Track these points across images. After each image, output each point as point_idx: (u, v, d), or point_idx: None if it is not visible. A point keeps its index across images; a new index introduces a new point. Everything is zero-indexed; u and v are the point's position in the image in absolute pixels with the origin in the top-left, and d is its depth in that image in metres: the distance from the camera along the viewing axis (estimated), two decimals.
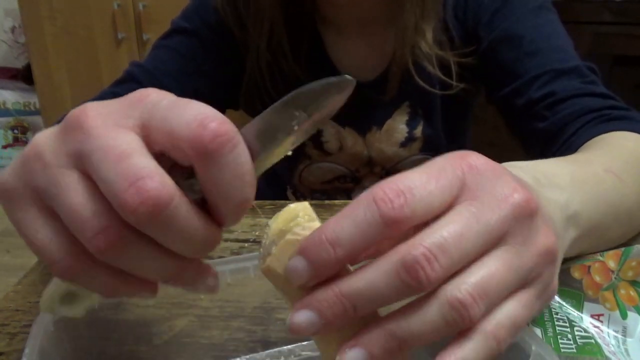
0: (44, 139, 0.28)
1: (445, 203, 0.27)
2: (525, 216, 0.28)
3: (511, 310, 0.27)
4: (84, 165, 0.27)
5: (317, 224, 0.27)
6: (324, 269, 0.26)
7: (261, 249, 0.29)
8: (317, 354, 0.46)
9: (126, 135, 0.26)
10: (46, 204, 0.28)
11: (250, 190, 0.27)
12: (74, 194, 0.26)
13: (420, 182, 0.26)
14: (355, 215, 0.25)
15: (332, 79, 0.29)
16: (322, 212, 0.63)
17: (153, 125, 0.26)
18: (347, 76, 0.29)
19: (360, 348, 0.25)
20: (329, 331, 0.26)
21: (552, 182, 0.38)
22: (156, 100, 0.27)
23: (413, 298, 0.26)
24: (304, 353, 0.47)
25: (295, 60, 0.74)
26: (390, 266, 0.25)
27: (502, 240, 0.27)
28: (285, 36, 0.72)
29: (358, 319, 0.26)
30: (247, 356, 0.46)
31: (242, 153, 0.26)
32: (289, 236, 0.27)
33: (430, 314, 0.25)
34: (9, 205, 0.29)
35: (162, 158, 0.27)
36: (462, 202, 0.27)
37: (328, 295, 0.25)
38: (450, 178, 0.27)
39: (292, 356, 0.47)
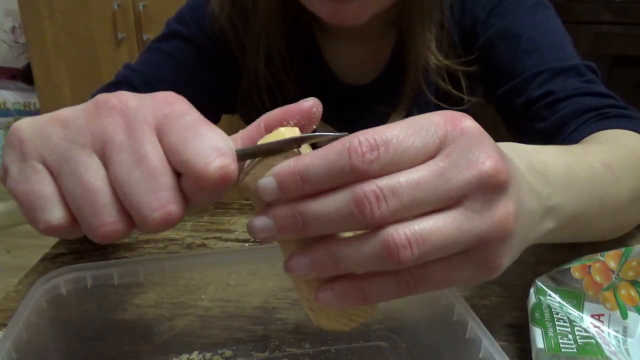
0: (70, 110, 0.30)
1: (418, 159, 0.28)
2: (491, 185, 0.28)
3: (439, 268, 0.29)
4: (104, 150, 0.29)
5: (295, 152, 0.30)
6: (290, 194, 0.28)
7: (245, 165, 0.31)
8: (317, 353, 0.46)
9: (153, 145, 0.29)
10: (52, 170, 0.29)
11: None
12: (91, 174, 0.29)
13: (397, 139, 0.27)
14: (328, 158, 0.27)
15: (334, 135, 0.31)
16: None
17: (170, 138, 0.29)
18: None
19: (304, 257, 0.29)
20: (282, 238, 0.30)
21: (544, 170, 0.39)
22: (181, 113, 0.30)
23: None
24: (298, 352, 0.47)
25: (292, 68, 0.73)
26: (343, 196, 0.27)
27: (459, 202, 0.28)
28: (283, 42, 0.72)
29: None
30: (248, 356, 0.46)
31: (231, 182, 0.29)
32: (268, 159, 0.29)
33: (366, 247, 0.27)
34: (13, 151, 0.30)
35: None
36: (436, 157, 0.28)
37: (285, 209, 0.28)
38: (430, 138, 0.28)
39: (292, 356, 0.47)
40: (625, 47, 1.73)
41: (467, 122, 0.29)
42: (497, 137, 0.32)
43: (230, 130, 0.33)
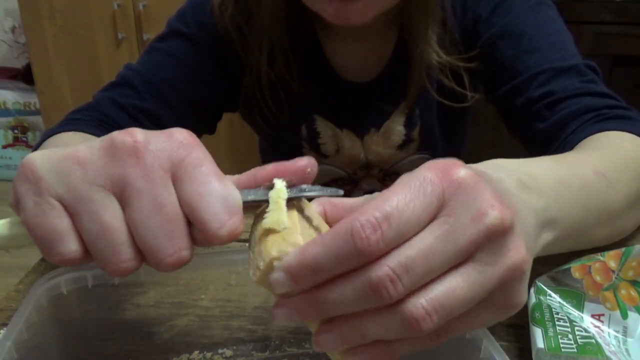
0: (87, 149, 0.31)
1: (422, 225, 0.28)
2: (498, 234, 0.28)
3: (460, 320, 0.29)
4: (122, 194, 0.30)
5: (296, 238, 0.29)
6: (305, 285, 0.28)
7: (250, 252, 0.31)
8: (317, 353, 0.46)
9: (169, 194, 0.30)
10: (69, 207, 0.30)
11: None
12: (110, 216, 0.30)
13: (397, 211, 0.27)
14: (334, 246, 0.27)
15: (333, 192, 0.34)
16: None
17: (185, 189, 0.31)
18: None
19: (332, 334, 0.29)
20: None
21: (535, 184, 0.38)
22: (196, 163, 0.31)
23: None
24: (299, 352, 0.47)
25: (294, 65, 0.73)
26: (359, 283, 0.27)
27: (469, 257, 0.28)
28: (286, 40, 0.72)
29: None
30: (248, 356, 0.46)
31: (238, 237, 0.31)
32: (274, 253, 0.29)
33: (387, 322, 0.28)
34: (29, 185, 0.31)
35: None
36: (439, 217, 0.28)
37: (303, 300, 0.28)
38: (428, 199, 0.28)
39: (292, 356, 0.47)
40: (625, 47, 1.73)
41: (462, 172, 0.29)
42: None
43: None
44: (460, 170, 0.29)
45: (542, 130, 0.65)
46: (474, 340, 0.36)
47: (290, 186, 0.33)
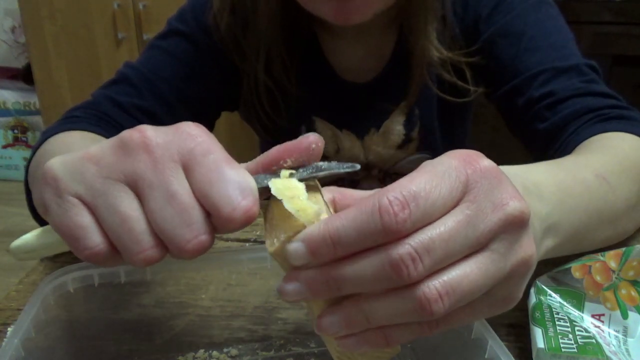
0: (99, 147, 0.32)
1: (447, 208, 0.28)
2: (517, 225, 0.28)
3: (462, 310, 0.29)
4: (137, 188, 0.30)
5: (317, 208, 0.29)
6: (322, 258, 0.28)
7: (266, 224, 0.32)
8: (322, 352, 0.46)
9: (181, 183, 0.30)
10: (88, 204, 0.31)
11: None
12: (127, 206, 0.30)
13: (425, 192, 0.27)
14: (359, 220, 0.27)
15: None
16: None
17: (197, 177, 0.30)
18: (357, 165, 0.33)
19: (334, 315, 0.29)
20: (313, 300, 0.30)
21: (537, 190, 0.39)
22: (205, 151, 0.31)
23: None
24: (304, 351, 0.47)
25: (292, 69, 0.73)
26: (378, 261, 0.27)
27: (486, 245, 0.28)
28: (284, 44, 0.72)
29: None
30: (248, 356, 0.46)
31: (254, 220, 0.30)
32: (293, 222, 0.29)
33: (398, 304, 0.28)
34: (50, 189, 0.32)
35: None
36: (461, 203, 0.28)
37: (318, 274, 0.28)
38: (453, 184, 0.28)
39: (292, 356, 0.47)
40: (625, 47, 1.73)
41: (485, 162, 0.29)
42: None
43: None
44: (483, 160, 0.29)
45: (542, 131, 0.65)
46: (479, 340, 0.36)
47: (301, 166, 0.32)
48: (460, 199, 0.28)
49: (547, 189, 0.40)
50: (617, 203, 0.49)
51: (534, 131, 0.66)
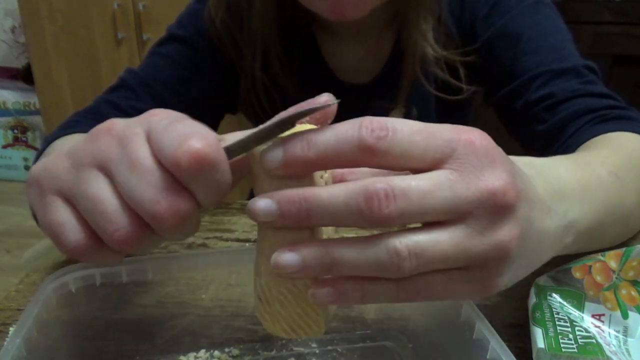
0: (73, 144, 0.32)
1: (425, 160, 0.28)
2: (497, 205, 0.28)
3: (438, 280, 0.29)
4: (105, 167, 0.30)
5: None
6: (293, 161, 0.28)
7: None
8: (324, 352, 0.46)
9: (143, 150, 0.29)
10: (68, 197, 0.31)
11: (225, 193, 0.30)
12: (97, 188, 0.30)
13: (410, 130, 0.28)
14: (338, 129, 0.27)
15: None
16: None
17: (152, 141, 0.30)
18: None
19: (296, 254, 0.28)
20: (280, 225, 0.29)
21: (561, 187, 0.39)
22: (164, 117, 0.31)
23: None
24: (305, 351, 0.47)
25: (290, 68, 0.73)
26: (353, 189, 0.27)
27: (463, 219, 0.28)
28: (280, 44, 0.72)
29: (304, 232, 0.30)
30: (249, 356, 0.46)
31: (219, 170, 0.28)
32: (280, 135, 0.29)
33: (367, 253, 0.28)
34: (34, 192, 0.32)
35: None
36: (445, 167, 0.28)
37: (291, 193, 0.28)
38: (442, 142, 0.28)
39: (293, 356, 0.47)
40: (625, 47, 1.74)
41: (480, 137, 0.29)
42: (497, 138, 0.32)
43: (231, 130, 0.33)
44: (480, 135, 0.29)
45: (541, 133, 0.65)
46: (481, 340, 0.36)
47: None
48: (443, 160, 0.28)
49: (570, 185, 0.40)
50: (628, 200, 0.49)
51: (533, 133, 0.66)
